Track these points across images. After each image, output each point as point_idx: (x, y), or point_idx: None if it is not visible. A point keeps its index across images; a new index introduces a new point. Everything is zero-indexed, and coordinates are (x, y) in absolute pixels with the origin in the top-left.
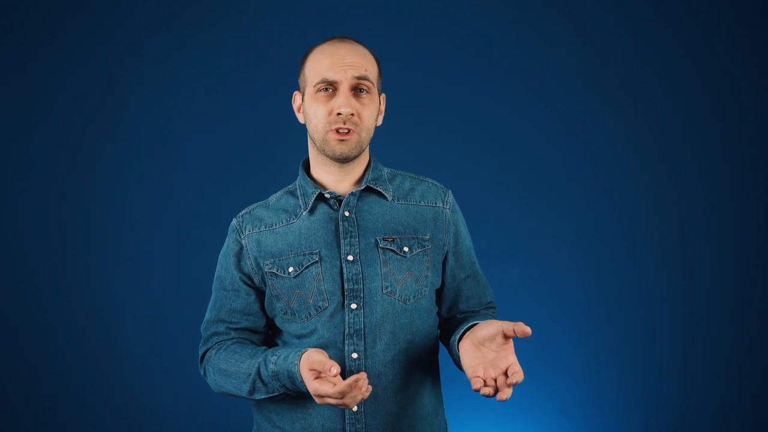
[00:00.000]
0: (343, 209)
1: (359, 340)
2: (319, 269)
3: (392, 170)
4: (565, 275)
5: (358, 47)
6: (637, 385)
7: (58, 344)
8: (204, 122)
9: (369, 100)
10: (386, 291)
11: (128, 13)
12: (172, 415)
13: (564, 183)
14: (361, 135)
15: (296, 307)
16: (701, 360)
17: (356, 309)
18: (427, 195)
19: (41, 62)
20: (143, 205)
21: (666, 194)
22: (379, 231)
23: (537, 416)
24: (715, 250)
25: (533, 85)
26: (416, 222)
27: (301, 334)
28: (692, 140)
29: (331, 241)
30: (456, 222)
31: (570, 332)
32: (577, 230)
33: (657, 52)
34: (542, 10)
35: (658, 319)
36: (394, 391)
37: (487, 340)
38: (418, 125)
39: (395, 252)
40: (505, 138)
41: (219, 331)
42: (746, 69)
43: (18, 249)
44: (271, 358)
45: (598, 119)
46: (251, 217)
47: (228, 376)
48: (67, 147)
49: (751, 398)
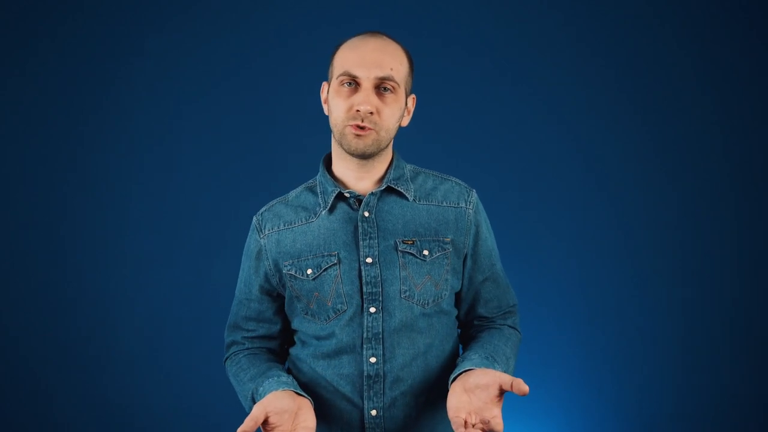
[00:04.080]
0: (362, 209)
1: (378, 345)
2: (338, 271)
3: (415, 167)
4: (563, 275)
5: (389, 45)
6: (635, 386)
7: (57, 343)
8: (203, 122)
9: (392, 100)
10: (404, 295)
11: (127, 12)
12: (171, 414)
13: (562, 183)
14: (379, 134)
15: (315, 309)
16: (699, 360)
17: (375, 313)
18: (449, 195)
19: (39, 62)
20: (142, 204)
21: (664, 194)
22: (399, 233)
23: (534, 416)
24: (713, 251)
25: (531, 84)
26: (437, 223)
27: (320, 336)
28: (691, 141)
29: (350, 243)
30: (478, 223)
31: (567, 332)
32: (574, 230)
33: (656, 52)
34: (541, 10)
35: (655, 319)
36: (412, 396)
37: (479, 389)
38: (413, 125)
39: (414, 255)
40: (503, 138)
41: (236, 341)
42: (745, 71)
43: (16, 249)
44: (260, 389)
45: (595, 119)
46: (271, 214)
47: (238, 391)
48: (65, 147)
49: (749, 399)
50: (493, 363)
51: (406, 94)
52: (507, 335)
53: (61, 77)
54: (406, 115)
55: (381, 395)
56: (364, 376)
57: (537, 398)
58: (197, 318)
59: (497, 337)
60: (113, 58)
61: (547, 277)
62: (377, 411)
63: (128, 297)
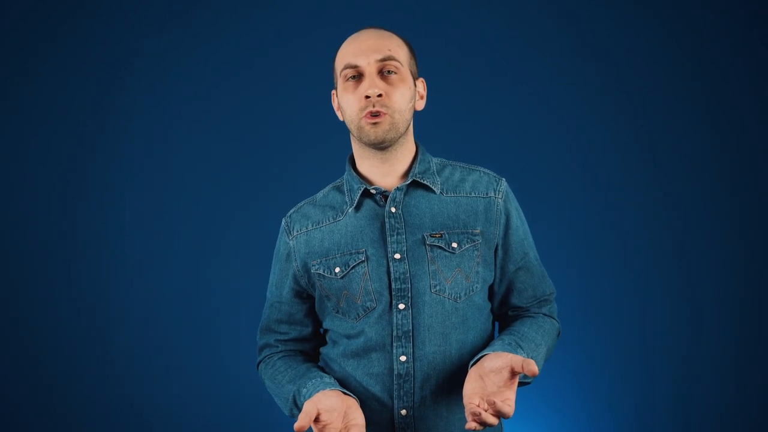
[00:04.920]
0: (389, 205)
1: (407, 342)
2: (366, 269)
3: (442, 160)
4: (560, 275)
5: (383, 32)
6: (631, 386)
7: (55, 342)
8: (200, 123)
9: (398, 80)
10: (435, 290)
11: (124, 13)
12: (170, 413)
13: (559, 182)
14: (394, 117)
15: (345, 307)
16: (695, 361)
17: (404, 309)
18: (478, 185)
19: (38, 63)
20: (140, 205)
21: (661, 193)
22: (426, 227)
23: (531, 416)
24: (711, 251)
25: (528, 85)
26: (466, 215)
27: (350, 334)
28: (689, 141)
29: (377, 239)
30: (508, 211)
31: (563, 331)
32: (571, 229)
33: (654, 53)
34: (540, 10)
35: (652, 319)
36: (444, 395)
37: (493, 372)
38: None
39: (443, 248)
40: (501, 138)
41: (269, 343)
42: (744, 72)
43: (15, 249)
44: (303, 390)
45: (592, 119)
46: (299, 215)
47: (275, 393)
48: (63, 147)
49: (746, 399)
50: (516, 349)
51: (413, 77)
52: (539, 323)
53: (59, 78)
54: (419, 99)
55: (411, 394)
56: (394, 375)
57: (532, 398)
58: (196, 318)
59: (528, 324)
60: (111, 59)
61: None
62: (407, 411)
63: (127, 297)
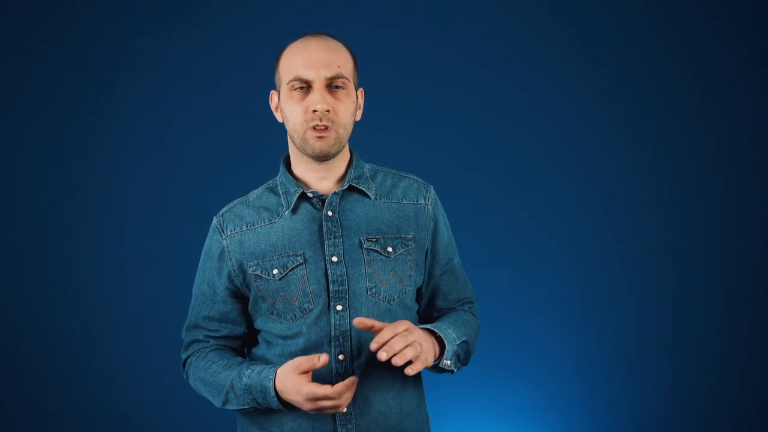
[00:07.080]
0: (326, 209)
1: (345, 342)
2: (304, 271)
3: (373, 166)
4: (557, 275)
5: (330, 42)
6: (628, 385)
7: (51, 343)
8: (196, 122)
9: (345, 96)
10: (371, 292)
11: (122, 12)
12: (165, 414)
13: (555, 182)
14: (338, 131)
15: (281, 309)
16: (692, 361)
17: (342, 311)
18: (408, 192)
19: (37, 63)
20: (135, 205)
21: (658, 195)
22: (362, 231)
23: (529, 415)
24: (707, 252)
25: (526, 85)
26: (399, 221)
27: (287, 335)
28: (686, 142)
29: (314, 242)
30: (436, 218)
31: (560, 332)
32: (569, 230)
33: (651, 52)
34: (534, 9)
35: (649, 319)
36: (381, 390)
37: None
38: (412, 125)
39: (379, 252)
40: (498, 138)
41: (199, 339)
42: (742, 73)
43: (12, 249)
44: (246, 371)
45: (590, 119)
46: (232, 215)
47: (206, 385)
48: (61, 147)
49: (743, 399)
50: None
51: (355, 89)
52: (459, 314)
53: (57, 77)
54: (358, 109)
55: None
56: (333, 374)
57: (530, 398)
58: None
59: (447, 315)
60: (109, 59)
61: (540, 278)
62: (347, 407)
63: (122, 297)
